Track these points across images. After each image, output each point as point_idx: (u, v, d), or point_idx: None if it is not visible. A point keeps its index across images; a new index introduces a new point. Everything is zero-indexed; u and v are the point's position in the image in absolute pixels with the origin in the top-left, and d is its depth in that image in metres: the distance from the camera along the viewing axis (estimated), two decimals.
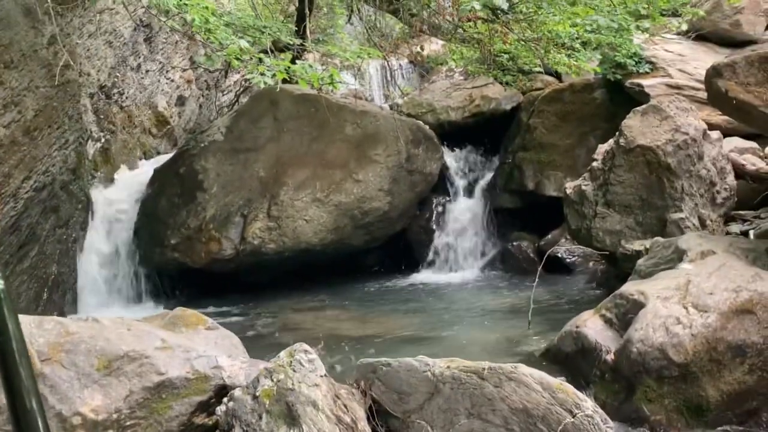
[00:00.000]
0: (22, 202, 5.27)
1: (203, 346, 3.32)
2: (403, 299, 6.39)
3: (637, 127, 4.84)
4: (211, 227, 6.66)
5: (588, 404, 2.22)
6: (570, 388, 2.30)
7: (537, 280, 5.01)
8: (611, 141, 5.13)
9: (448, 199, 7.94)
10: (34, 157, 5.43)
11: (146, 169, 7.55)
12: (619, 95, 6.91)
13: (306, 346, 2.96)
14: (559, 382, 2.32)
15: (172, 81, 9.44)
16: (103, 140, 7.62)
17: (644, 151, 4.77)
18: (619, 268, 4.99)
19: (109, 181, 7.33)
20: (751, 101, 3.59)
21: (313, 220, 6.82)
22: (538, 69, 7.44)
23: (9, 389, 0.60)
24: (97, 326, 3.12)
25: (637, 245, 4.62)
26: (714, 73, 3.87)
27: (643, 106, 5.02)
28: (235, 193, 6.78)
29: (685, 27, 6.11)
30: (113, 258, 6.80)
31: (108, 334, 3.07)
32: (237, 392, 2.82)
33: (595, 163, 5.15)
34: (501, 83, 7.65)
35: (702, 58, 6.53)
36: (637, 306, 3.19)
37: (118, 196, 7.14)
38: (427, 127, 7.74)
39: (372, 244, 7.45)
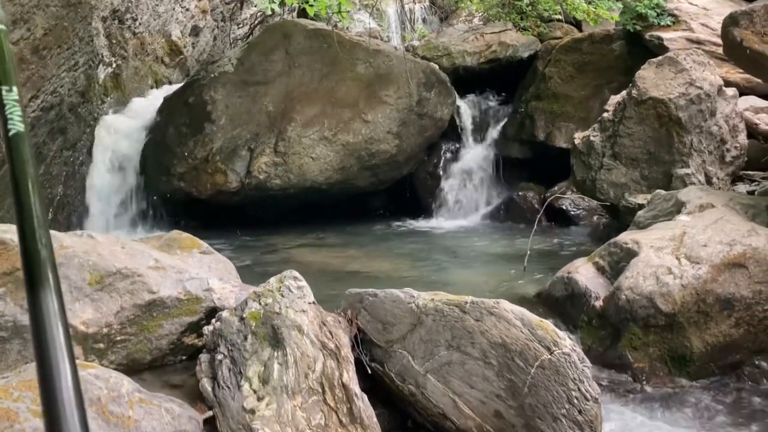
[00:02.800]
0: (29, 120, 5.26)
1: (196, 269, 3.36)
2: (405, 242, 6.42)
3: (650, 79, 4.74)
4: (218, 159, 6.66)
5: (566, 342, 2.23)
6: (549, 325, 2.31)
7: (536, 228, 5.00)
8: (624, 92, 5.03)
9: (457, 145, 7.87)
10: (42, 76, 5.41)
11: (156, 97, 7.53)
12: (638, 48, 6.74)
13: (296, 274, 2.98)
14: (539, 320, 2.33)
15: (187, 10, 9.31)
16: (114, 66, 7.56)
17: (656, 104, 4.68)
18: (621, 221, 4.96)
19: (119, 106, 7.31)
20: (766, 52, 3.49)
21: (319, 158, 6.80)
22: (558, 16, 7.26)
23: (20, 224, 0.61)
24: (91, 242, 3.15)
25: (640, 199, 4.58)
26: (730, 21, 3.75)
27: (659, 57, 4.90)
28: (243, 127, 6.75)
29: None
30: (120, 184, 6.84)
31: (101, 250, 3.10)
32: (225, 314, 2.86)
33: (605, 114, 5.07)
34: (519, 29, 7.48)
35: (727, 13, 6.32)
36: (630, 255, 3.18)
37: (128, 122, 7.13)
38: (441, 71, 7.62)
39: (378, 186, 7.43)
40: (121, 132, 7.01)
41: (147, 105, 7.39)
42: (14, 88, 0.70)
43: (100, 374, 2.24)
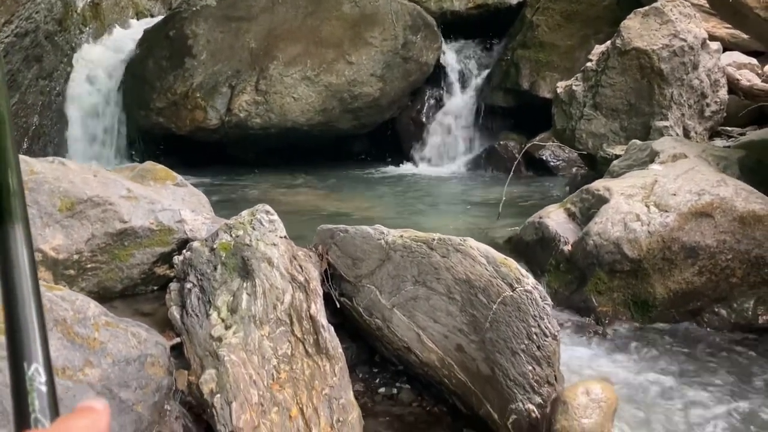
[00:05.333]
0: (2, 46, 5.15)
1: (169, 200, 3.34)
2: (385, 186, 6.43)
3: (635, 29, 4.70)
4: (198, 95, 6.57)
5: (529, 280, 2.27)
6: (513, 263, 2.35)
7: (515, 177, 5.04)
8: (608, 42, 5.00)
9: (441, 92, 7.81)
10: (16, 0, 5.26)
11: (137, 29, 7.36)
12: None
13: (268, 208, 2.98)
14: (503, 257, 2.36)
15: None
16: None
17: (639, 55, 4.65)
18: (598, 171, 4.98)
19: (98, 37, 7.15)
20: (748, 3, 3.46)
21: (301, 98, 6.73)
22: None
23: None
24: (62, 168, 3.12)
25: (617, 150, 4.60)
26: None
27: (645, 7, 4.85)
28: (224, 63, 6.64)
29: None
30: (98, 116, 6.74)
31: (73, 178, 3.08)
32: (195, 244, 2.87)
33: (589, 64, 5.04)
34: None
35: None
36: (601, 201, 3.21)
37: (107, 53, 6.99)
38: (428, 14, 7.50)
39: (359, 130, 7.39)
40: (101, 63, 6.87)
41: (127, 37, 7.23)
42: None
43: (66, 296, 2.25)
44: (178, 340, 2.60)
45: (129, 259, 3.12)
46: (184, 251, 2.91)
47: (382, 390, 2.73)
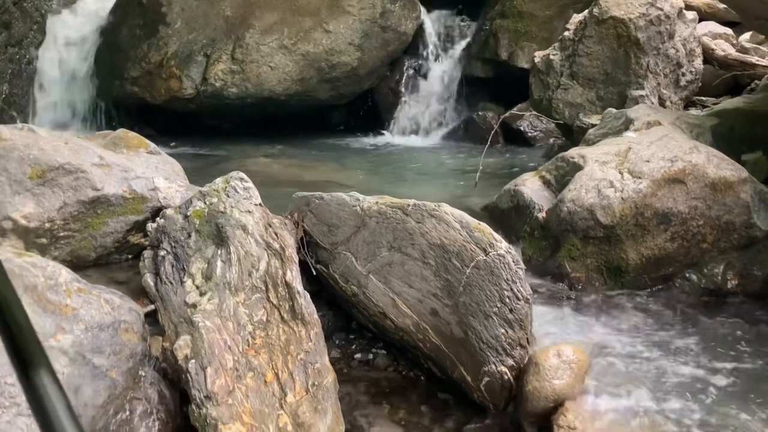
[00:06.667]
0: None
1: (143, 168, 3.31)
2: (363, 157, 6.41)
3: None
4: (173, 64, 6.47)
5: (502, 245, 2.29)
6: (487, 228, 2.36)
7: (492, 147, 5.04)
8: (586, 11, 5.00)
9: (420, 62, 7.76)
10: None
11: None
12: None
13: (242, 175, 2.96)
14: (477, 222, 2.38)
15: None
16: None
17: (616, 23, 4.66)
18: (574, 141, 5.01)
19: (69, 3, 6.99)
20: None
21: (278, 67, 6.65)
22: None
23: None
24: (32, 136, 3.07)
25: (594, 119, 4.62)
26: None
27: None
28: (199, 31, 6.53)
29: None
30: (70, 86, 6.62)
31: (43, 145, 3.03)
32: (169, 211, 2.84)
33: (566, 33, 5.04)
34: None
35: None
36: (576, 168, 3.23)
37: (79, 21, 6.84)
38: None
39: (338, 100, 7.34)
40: (73, 31, 6.73)
41: (100, 3, 7.07)
42: None
43: (36, 263, 2.23)
44: (152, 307, 2.60)
45: (102, 227, 3.10)
46: (158, 219, 2.89)
47: (358, 356, 2.75)
